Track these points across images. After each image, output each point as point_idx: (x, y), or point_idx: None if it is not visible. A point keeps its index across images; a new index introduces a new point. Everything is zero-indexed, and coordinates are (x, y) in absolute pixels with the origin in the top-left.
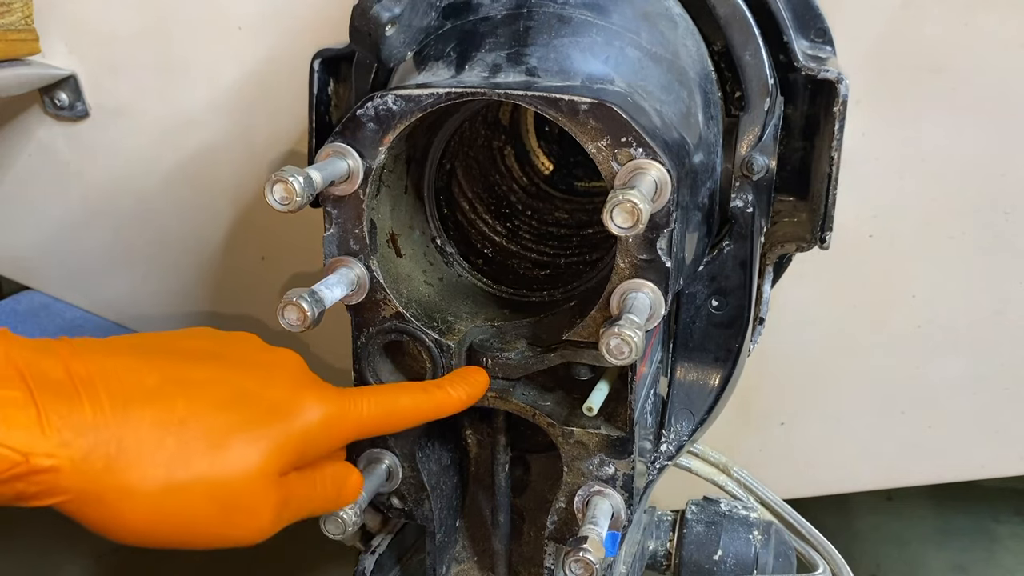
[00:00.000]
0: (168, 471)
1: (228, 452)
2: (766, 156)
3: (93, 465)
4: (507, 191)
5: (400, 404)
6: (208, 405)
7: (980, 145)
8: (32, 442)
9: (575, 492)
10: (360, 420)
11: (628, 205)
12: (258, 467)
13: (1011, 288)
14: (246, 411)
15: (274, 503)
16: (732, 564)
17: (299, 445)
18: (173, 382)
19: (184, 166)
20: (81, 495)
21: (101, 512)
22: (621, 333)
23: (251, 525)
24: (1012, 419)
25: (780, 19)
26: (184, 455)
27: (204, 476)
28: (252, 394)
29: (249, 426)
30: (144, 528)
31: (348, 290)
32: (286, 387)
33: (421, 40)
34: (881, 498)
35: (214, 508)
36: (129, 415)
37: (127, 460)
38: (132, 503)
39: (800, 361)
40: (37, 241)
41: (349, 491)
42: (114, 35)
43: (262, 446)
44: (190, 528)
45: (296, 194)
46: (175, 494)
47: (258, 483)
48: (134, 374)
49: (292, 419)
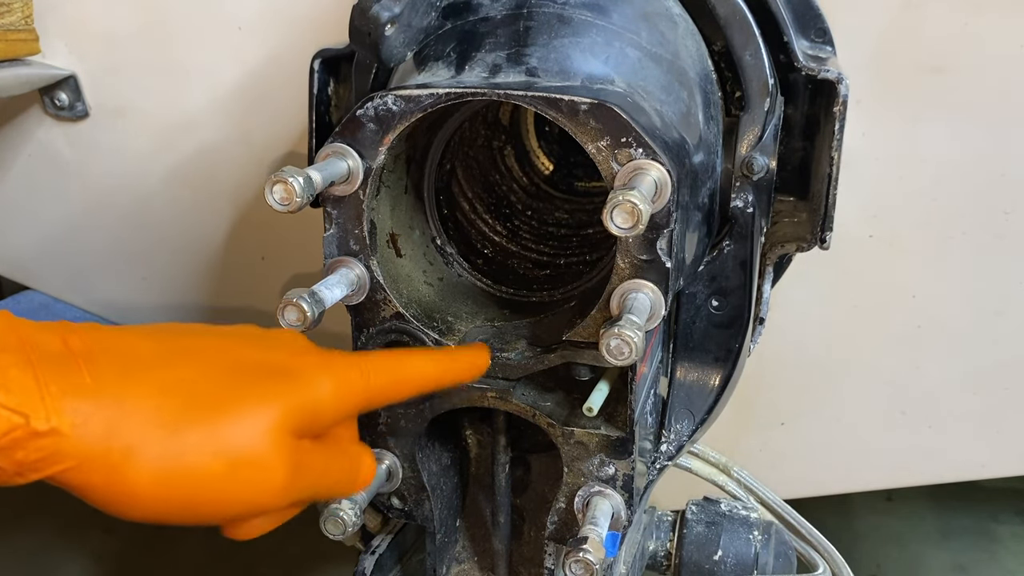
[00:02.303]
0: (172, 430)
1: (234, 409)
2: (766, 156)
3: (94, 429)
4: (507, 191)
5: (408, 368)
6: (212, 369)
7: (980, 145)
8: (32, 405)
9: (575, 492)
10: (368, 384)
11: (628, 205)
12: (267, 422)
13: (1011, 288)
14: (252, 375)
15: (286, 461)
16: (732, 564)
17: (308, 406)
18: (174, 351)
19: (184, 166)
20: (83, 461)
21: (105, 479)
22: (621, 333)
23: (263, 483)
24: (1012, 419)
25: (780, 19)
26: (188, 414)
27: (209, 432)
28: (257, 361)
29: (256, 388)
30: (150, 494)
31: (348, 290)
32: (292, 353)
33: (421, 40)
34: (881, 498)
35: (221, 465)
36: (128, 380)
37: (129, 422)
38: (136, 466)
39: (800, 361)
40: (37, 241)
41: (365, 471)
42: (114, 35)
43: (270, 404)
44: (198, 491)
45: (296, 194)
46: (180, 453)
47: (267, 437)
48: (132, 346)
49: (300, 382)
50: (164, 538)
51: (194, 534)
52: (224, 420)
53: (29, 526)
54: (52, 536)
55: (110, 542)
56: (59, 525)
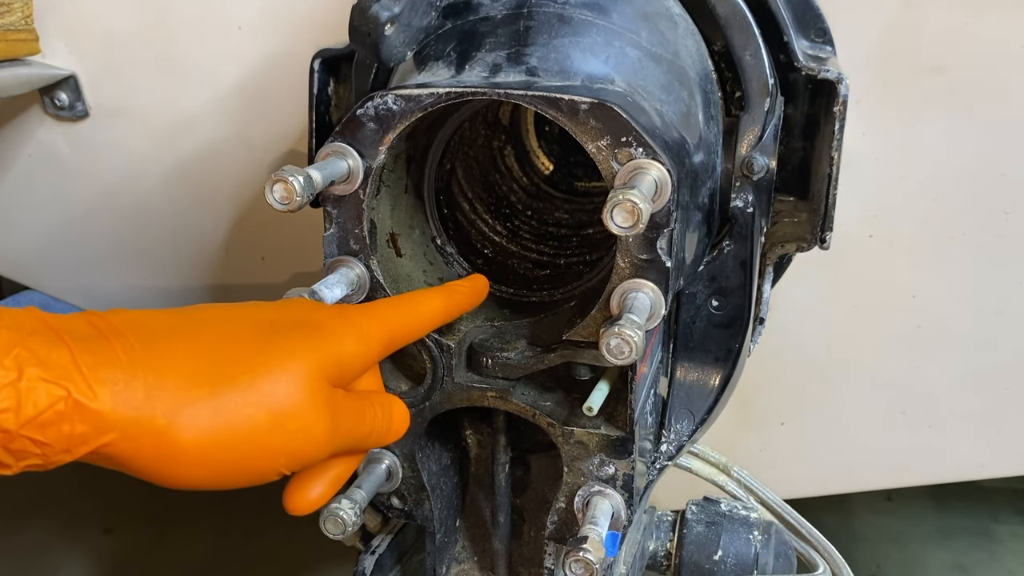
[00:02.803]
0: (211, 390)
1: (268, 363)
2: (766, 156)
3: (134, 395)
4: (507, 191)
5: (418, 306)
6: (237, 329)
7: (980, 145)
8: (70, 377)
9: (575, 492)
10: (386, 327)
11: (628, 205)
12: (302, 372)
13: (1011, 288)
14: (277, 332)
15: (325, 408)
16: (732, 564)
17: (335, 356)
18: (197, 320)
19: (184, 166)
20: (129, 428)
21: (152, 444)
22: (621, 333)
23: (307, 432)
24: (1012, 419)
25: (780, 19)
26: (224, 373)
27: (248, 387)
28: (279, 320)
29: (284, 342)
30: (199, 455)
31: (348, 290)
32: (309, 310)
33: (421, 40)
34: (881, 498)
35: (266, 417)
36: (159, 348)
37: (167, 387)
38: (182, 428)
39: (800, 361)
40: (37, 241)
41: (398, 419)
42: (114, 35)
43: (302, 355)
44: (246, 447)
45: (296, 194)
46: (223, 410)
47: (304, 386)
48: (157, 319)
49: (324, 333)
50: (164, 538)
51: (193, 534)
52: (260, 375)
53: (29, 526)
54: (52, 536)
55: (110, 542)
56: (59, 525)
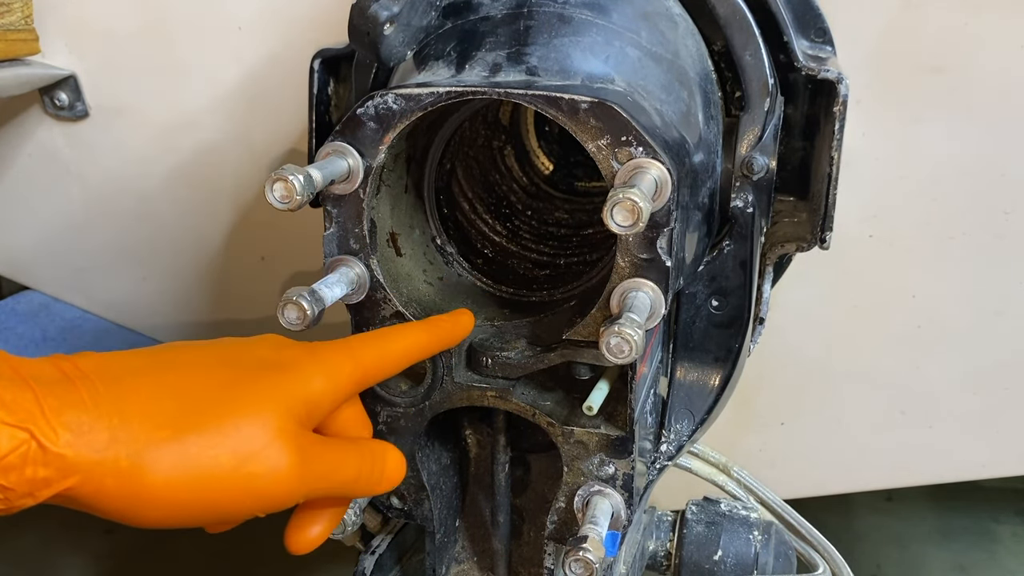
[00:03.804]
0: (175, 431)
1: (232, 404)
2: (766, 156)
3: (98, 437)
4: (507, 191)
5: (393, 344)
6: (202, 369)
7: (980, 145)
8: (34, 420)
9: (575, 492)
10: (357, 365)
11: (628, 203)
12: (266, 412)
13: (1011, 288)
14: (243, 372)
15: (291, 451)
16: (732, 564)
17: (303, 395)
18: (161, 361)
19: (184, 166)
20: (92, 470)
21: (116, 485)
22: (621, 332)
23: (273, 475)
24: (1012, 419)
25: (780, 19)
26: (188, 414)
27: (211, 428)
28: (245, 359)
29: (250, 382)
30: (163, 496)
31: (348, 289)
32: (275, 348)
33: (421, 39)
34: (881, 498)
35: (229, 458)
36: (124, 390)
37: (131, 428)
38: (145, 469)
39: (800, 361)
40: (37, 241)
41: (391, 467)
42: (114, 35)
43: (267, 395)
44: (210, 488)
45: (296, 192)
46: (186, 452)
47: (268, 426)
48: (121, 361)
49: (291, 372)
50: (164, 539)
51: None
52: (224, 415)
53: (29, 526)
54: (52, 536)
55: (110, 542)
56: (59, 525)
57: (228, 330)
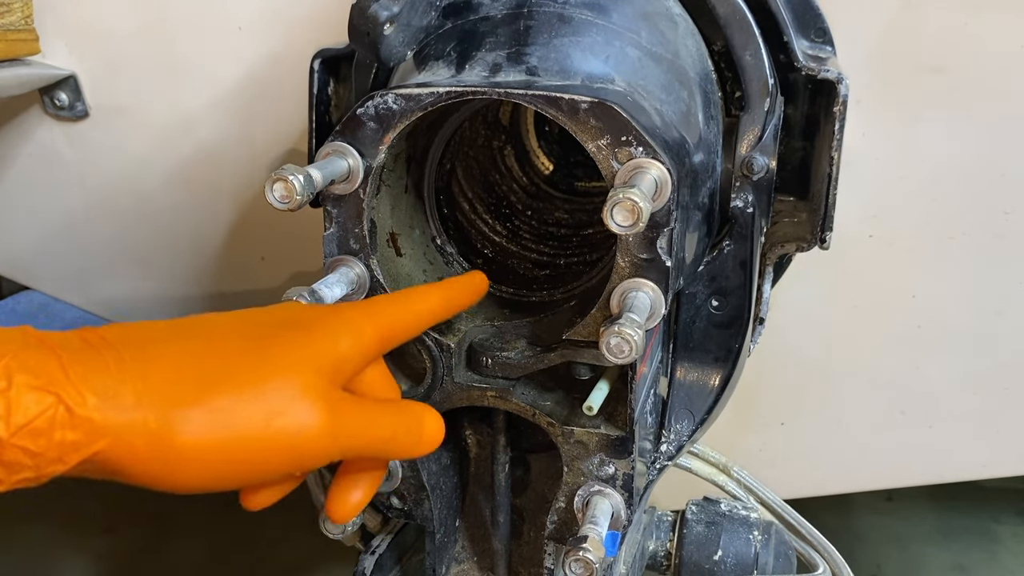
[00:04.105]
0: (202, 390)
1: (259, 362)
2: (766, 156)
3: (124, 400)
4: (507, 191)
5: (414, 304)
6: (227, 333)
7: (980, 145)
8: (60, 386)
9: (575, 492)
10: (380, 323)
11: (628, 203)
12: (294, 368)
13: (1011, 288)
14: (269, 333)
15: (320, 406)
16: (732, 564)
17: (330, 352)
18: (184, 328)
19: (184, 166)
20: (121, 432)
21: (146, 447)
22: (621, 332)
23: (304, 431)
24: (1012, 419)
25: (780, 19)
26: (214, 374)
27: (240, 386)
28: (270, 321)
29: (276, 341)
30: (194, 456)
31: (348, 289)
32: (297, 310)
33: (421, 40)
34: (881, 498)
35: (260, 415)
36: (148, 355)
37: (157, 391)
38: (175, 429)
39: (800, 361)
40: (37, 241)
41: (429, 427)
42: (114, 35)
43: (294, 352)
44: (241, 447)
45: (296, 192)
46: (215, 410)
47: (297, 384)
48: (146, 329)
49: (317, 330)
50: (164, 538)
51: (193, 534)
52: (250, 375)
53: (29, 526)
54: (52, 536)
55: (110, 542)
56: (59, 525)
57: None
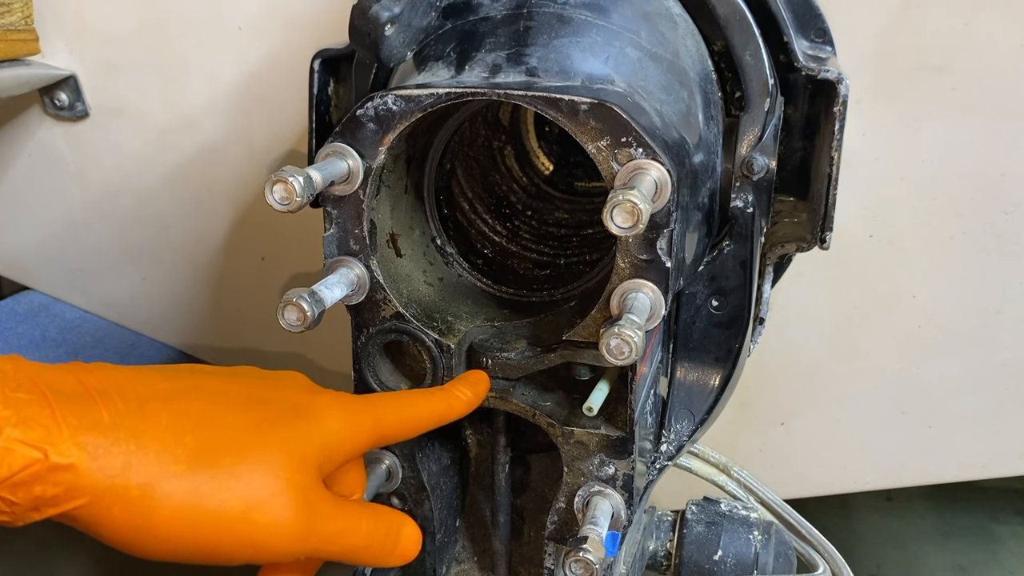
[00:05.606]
0: (190, 467)
1: (250, 449)
2: (766, 156)
3: (112, 462)
4: (507, 191)
5: (414, 407)
6: (224, 406)
7: (980, 145)
8: (50, 439)
9: (575, 492)
10: (378, 421)
11: (628, 205)
12: (281, 465)
13: (1011, 288)
14: (263, 411)
15: (300, 508)
16: (732, 564)
17: (321, 443)
18: (187, 388)
19: (184, 166)
20: (101, 495)
21: (123, 514)
22: (621, 333)
23: (278, 529)
24: (1012, 419)
25: (780, 19)
26: (205, 451)
27: (226, 470)
28: (267, 398)
29: (269, 426)
30: (167, 531)
31: (348, 290)
32: (300, 392)
33: (421, 40)
34: (881, 498)
35: (238, 505)
36: (145, 415)
37: (146, 458)
38: (154, 502)
39: (800, 361)
40: (37, 241)
41: (406, 539)
42: (114, 35)
43: (285, 446)
44: (216, 529)
45: (296, 194)
46: (197, 490)
47: (282, 481)
48: (147, 383)
49: (312, 419)
50: None
51: None
52: (241, 460)
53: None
54: (52, 536)
55: None
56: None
57: (227, 330)
